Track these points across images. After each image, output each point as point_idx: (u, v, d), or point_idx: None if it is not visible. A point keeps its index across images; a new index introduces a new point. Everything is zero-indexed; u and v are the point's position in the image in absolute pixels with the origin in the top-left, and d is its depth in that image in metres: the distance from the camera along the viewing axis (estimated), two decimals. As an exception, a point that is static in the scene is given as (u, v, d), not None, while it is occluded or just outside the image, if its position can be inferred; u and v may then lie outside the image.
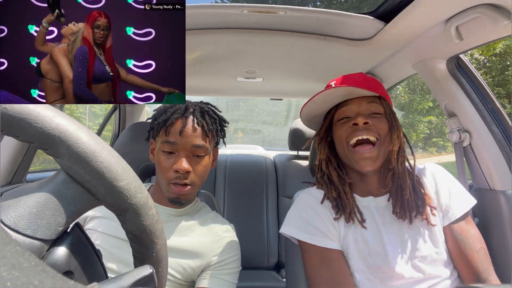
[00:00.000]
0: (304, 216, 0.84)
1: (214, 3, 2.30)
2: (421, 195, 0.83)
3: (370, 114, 0.84)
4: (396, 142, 0.83)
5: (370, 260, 0.79)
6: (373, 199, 0.86)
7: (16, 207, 0.33)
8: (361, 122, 0.81)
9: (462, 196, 0.86)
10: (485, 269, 0.79)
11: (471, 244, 0.80)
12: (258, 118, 8.23)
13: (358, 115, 0.83)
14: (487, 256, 0.81)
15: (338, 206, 0.84)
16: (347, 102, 0.86)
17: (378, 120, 0.83)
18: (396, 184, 0.84)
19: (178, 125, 0.81)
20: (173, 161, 0.81)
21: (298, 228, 0.83)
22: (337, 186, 0.85)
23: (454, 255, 0.81)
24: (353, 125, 0.82)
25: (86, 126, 0.36)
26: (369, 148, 0.81)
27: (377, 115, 0.84)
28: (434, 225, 0.81)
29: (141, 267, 0.37)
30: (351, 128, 0.83)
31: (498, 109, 1.11)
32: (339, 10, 1.01)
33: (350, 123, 0.83)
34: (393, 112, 0.87)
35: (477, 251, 0.80)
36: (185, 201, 0.84)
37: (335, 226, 0.83)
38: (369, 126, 0.81)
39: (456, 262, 0.81)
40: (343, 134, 0.84)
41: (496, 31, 0.88)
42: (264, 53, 1.35)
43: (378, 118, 0.83)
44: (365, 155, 0.81)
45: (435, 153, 11.44)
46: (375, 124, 0.82)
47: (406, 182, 0.83)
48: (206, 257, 0.85)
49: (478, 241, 0.82)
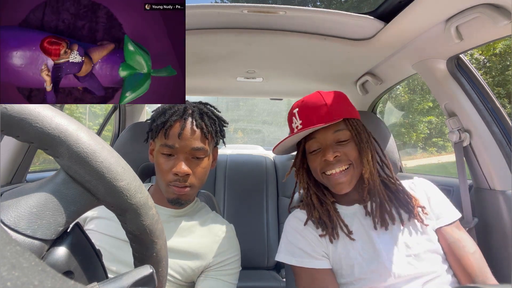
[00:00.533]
0: (291, 240, 0.87)
1: (214, 3, 2.30)
2: (405, 200, 0.87)
3: (338, 143, 0.86)
4: (366, 167, 0.85)
5: (365, 265, 0.80)
6: (359, 206, 0.89)
7: (16, 207, 0.33)
8: (331, 158, 0.83)
9: (451, 207, 0.90)
10: (482, 271, 0.80)
11: (464, 246, 0.82)
12: (258, 118, 8.23)
13: (327, 148, 0.85)
14: (482, 258, 0.83)
15: (321, 225, 0.86)
16: (314, 134, 0.88)
17: (346, 147, 0.85)
18: (374, 198, 0.87)
19: (176, 128, 0.80)
20: (173, 163, 0.81)
21: (287, 252, 0.86)
22: (318, 208, 0.88)
23: (448, 257, 0.83)
24: (324, 158, 0.85)
25: (86, 126, 0.36)
26: (343, 173, 0.85)
27: (344, 142, 0.86)
28: (427, 224, 0.84)
29: (141, 267, 0.36)
30: (323, 162, 0.86)
31: (498, 109, 1.11)
32: (339, 10, 1.01)
33: (321, 158, 0.86)
34: (359, 132, 0.87)
35: (471, 253, 0.82)
36: (185, 201, 0.84)
37: (322, 242, 0.85)
38: (339, 158, 0.84)
39: (452, 264, 0.83)
40: (317, 167, 0.88)
41: (496, 31, 0.88)
42: (264, 53, 1.35)
43: (346, 145, 0.86)
44: (340, 180, 0.85)
45: (435, 153, 11.42)
46: (344, 152, 0.85)
47: (384, 195, 0.86)
48: (206, 258, 0.84)
49: (472, 244, 0.84)
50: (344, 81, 1.73)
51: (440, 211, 0.87)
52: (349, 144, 0.86)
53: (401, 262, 0.80)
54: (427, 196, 0.90)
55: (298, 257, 0.83)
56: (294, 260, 0.84)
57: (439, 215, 0.87)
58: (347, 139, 0.86)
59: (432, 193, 0.91)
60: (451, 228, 0.86)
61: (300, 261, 0.83)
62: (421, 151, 11.63)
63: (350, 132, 0.86)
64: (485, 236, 1.10)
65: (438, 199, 0.90)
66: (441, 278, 0.80)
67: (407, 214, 0.85)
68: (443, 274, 0.80)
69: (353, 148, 0.85)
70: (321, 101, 0.86)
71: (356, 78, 1.66)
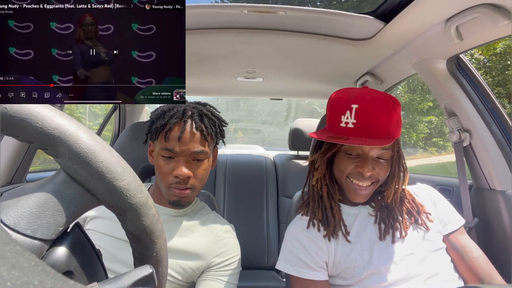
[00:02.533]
0: (290, 248, 0.86)
1: (214, 3, 2.30)
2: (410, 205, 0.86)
3: (377, 158, 0.82)
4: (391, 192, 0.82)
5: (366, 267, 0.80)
6: (363, 206, 0.89)
7: (16, 207, 0.33)
8: (367, 174, 0.79)
9: (456, 213, 0.90)
10: (487, 273, 0.81)
11: (468, 252, 0.84)
12: (258, 118, 8.23)
13: (366, 162, 0.79)
14: (488, 261, 0.84)
15: (324, 223, 0.85)
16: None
17: (382, 166, 0.81)
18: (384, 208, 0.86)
19: (176, 131, 0.79)
20: (173, 166, 0.80)
21: (285, 261, 0.85)
22: (325, 202, 0.86)
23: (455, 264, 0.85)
24: (359, 170, 0.80)
25: (86, 126, 0.36)
26: (367, 188, 0.82)
27: (383, 161, 0.82)
28: (429, 229, 0.85)
29: (141, 267, 0.36)
30: (355, 170, 0.81)
31: (498, 109, 1.11)
32: (339, 10, 1.01)
33: (356, 166, 0.81)
34: (399, 156, 0.83)
35: (476, 257, 0.83)
36: (186, 203, 0.84)
37: (323, 249, 0.83)
38: (372, 175, 0.80)
39: (459, 270, 0.85)
40: (345, 169, 0.82)
41: (496, 31, 0.88)
42: (264, 53, 1.35)
43: (383, 164, 0.82)
44: (361, 192, 0.82)
45: (435, 152, 11.42)
46: (378, 171, 0.81)
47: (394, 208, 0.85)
48: (206, 258, 0.84)
49: (475, 248, 0.86)
50: (344, 81, 1.73)
51: (446, 217, 0.88)
52: (386, 163, 0.82)
53: (401, 262, 0.80)
54: (432, 200, 0.90)
55: (296, 266, 0.83)
56: (292, 269, 0.83)
57: (445, 221, 0.87)
58: (387, 159, 0.82)
59: (437, 198, 0.91)
60: (456, 234, 0.87)
61: (298, 271, 0.82)
62: (421, 151, 11.63)
63: (392, 153, 0.82)
64: (485, 236, 1.10)
65: (443, 204, 0.91)
66: (442, 276, 0.80)
67: (412, 219, 0.85)
68: (444, 273, 0.81)
69: (387, 168, 0.82)
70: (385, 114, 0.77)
71: (356, 78, 1.66)
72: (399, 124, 0.81)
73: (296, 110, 7.13)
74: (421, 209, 0.86)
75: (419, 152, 11.43)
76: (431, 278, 0.79)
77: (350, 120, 0.77)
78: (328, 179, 0.87)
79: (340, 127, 0.78)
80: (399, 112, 0.80)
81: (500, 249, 1.05)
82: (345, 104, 0.78)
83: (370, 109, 0.76)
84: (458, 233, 0.87)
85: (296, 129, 2.05)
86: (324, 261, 0.83)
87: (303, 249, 0.84)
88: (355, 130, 0.77)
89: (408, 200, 0.87)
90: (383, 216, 0.85)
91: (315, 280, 0.81)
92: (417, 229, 0.85)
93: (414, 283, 0.78)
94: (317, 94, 2.19)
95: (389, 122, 0.76)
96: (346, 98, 0.79)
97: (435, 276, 0.80)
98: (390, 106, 0.77)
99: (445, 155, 10.44)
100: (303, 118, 2.12)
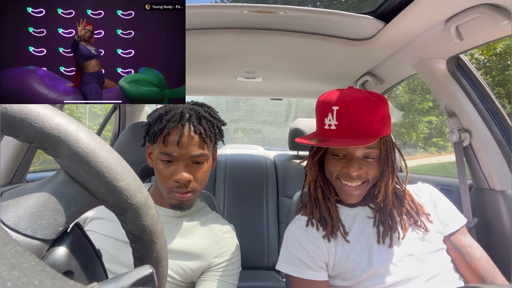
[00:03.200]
0: (290, 249, 0.86)
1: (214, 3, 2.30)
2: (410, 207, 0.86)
3: (364, 158, 0.82)
4: (382, 190, 0.82)
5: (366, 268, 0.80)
6: (362, 208, 0.89)
7: (16, 207, 0.33)
8: (353, 174, 0.80)
9: (457, 212, 0.90)
10: (489, 273, 0.81)
11: (470, 253, 0.84)
12: (258, 118, 8.22)
13: (352, 162, 0.80)
14: (490, 261, 0.84)
15: (322, 224, 0.85)
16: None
17: (370, 165, 0.82)
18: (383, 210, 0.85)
19: (174, 136, 0.78)
20: (173, 170, 0.79)
21: (285, 261, 0.85)
22: (321, 203, 0.86)
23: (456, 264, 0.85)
24: (345, 171, 0.81)
25: (86, 126, 0.36)
26: (357, 188, 0.82)
27: (370, 160, 0.82)
28: (429, 230, 0.84)
29: (141, 267, 0.36)
30: (342, 171, 0.82)
31: (498, 109, 1.11)
32: (339, 10, 1.01)
33: (342, 167, 0.82)
34: (388, 153, 0.83)
35: (478, 258, 0.83)
36: (187, 206, 0.84)
37: (323, 250, 0.83)
38: (360, 174, 0.81)
39: (461, 270, 0.85)
40: (334, 171, 0.84)
41: (496, 31, 0.88)
42: (264, 53, 1.35)
43: (371, 163, 0.82)
44: (351, 193, 0.83)
45: (435, 152, 11.42)
46: (366, 170, 0.81)
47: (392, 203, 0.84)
48: (206, 259, 0.84)
49: (477, 248, 0.85)
50: (344, 81, 1.73)
51: (447, 217, 0.87)
52: (374, 162, 0.82)
53: (401, 264, 0.80)
54: (432, 201, 0.90)
55: (296, 267, 0.83)
56: (292, 270, 0.83)
57: (446, 221, 0.87)
58: (374, 158, 0.82)
59: (438, 198, 0.91)
60: (457, 235, 0.86)
61: (297, 271, 0.83)
62: (421, 151, 11.63)
63: (380, 151, 0.82)
64: (485, 236, 1.10)
65: (444, 204, 0.90)
66: (443, 277, 0.80)
67: (411, 220, 0.85)
68: (444, 274, 0.81)
69: (376, 167, 0.82)
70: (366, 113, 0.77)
71: (356, 78, 1.66)
72: (386, 122, 0.81)
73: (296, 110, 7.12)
74: (420, 210, 0.86)
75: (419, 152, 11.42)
76: (432, 279, 0.79)
77: (333, 122, 0.79)
78: (322, 180, 0.89)
79: (324, 129, 0.80)
80: (384, 110, 0.80)
81: (500, 249, 1.05)
82: (327, 106, 0.80)
83: (350, 110, 0.77)
84: (459, 233, 0.87)
85: (296, 129, 2.05)
86: (324, 262, 0.83)
87: (302, 249, 0.84)
88: (337, 132, 0.78)
89: (408, 200, 0.87)
90: (381, 218, 0.84)
91: (315, 280, 0.81)
92: (416, 230, 0.84)
93: (415, 284, 0.78)
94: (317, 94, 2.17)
95: (371, 121, 0.77)
96: (328, 100, 0.81)
97: (436, 277, 0.79)
98: (372, 105, 0.77)
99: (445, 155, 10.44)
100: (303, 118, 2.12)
